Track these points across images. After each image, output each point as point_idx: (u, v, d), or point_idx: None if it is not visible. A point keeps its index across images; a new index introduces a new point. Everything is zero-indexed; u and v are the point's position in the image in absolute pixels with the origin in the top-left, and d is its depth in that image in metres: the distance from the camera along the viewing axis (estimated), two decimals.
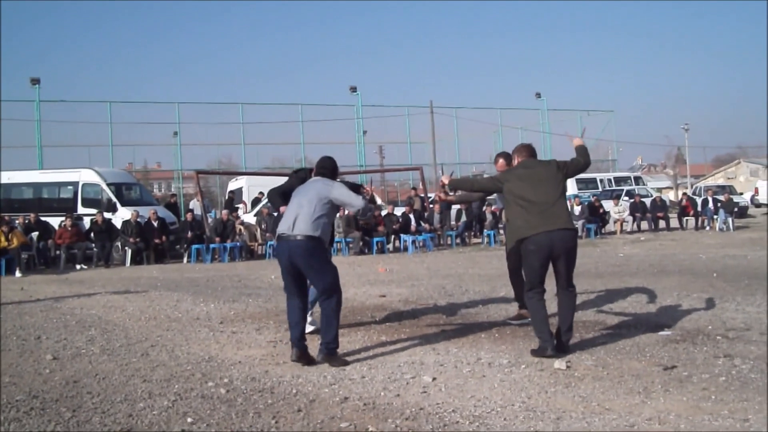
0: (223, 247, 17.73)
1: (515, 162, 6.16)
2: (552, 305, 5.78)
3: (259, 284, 11.36)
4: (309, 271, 5.48)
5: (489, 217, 19.94)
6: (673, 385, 4.50)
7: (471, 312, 7.78)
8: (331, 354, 5.43)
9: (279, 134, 59.47)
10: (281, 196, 6.26)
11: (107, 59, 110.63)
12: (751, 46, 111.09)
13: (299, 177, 6.20)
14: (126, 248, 17.49)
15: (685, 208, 23.01)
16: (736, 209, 23.11)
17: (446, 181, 6.55)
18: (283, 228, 5.47)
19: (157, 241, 17.89)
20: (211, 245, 17.86)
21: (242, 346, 6.21)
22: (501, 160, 7.18)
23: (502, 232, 20.05)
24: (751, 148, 67.78)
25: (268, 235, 17.70)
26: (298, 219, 5.41)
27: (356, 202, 5.62)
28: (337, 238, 18.58)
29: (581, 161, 5.99)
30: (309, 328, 6.25)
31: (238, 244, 17.87)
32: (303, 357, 5.39)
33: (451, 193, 6.93)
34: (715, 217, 21.82)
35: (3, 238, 15.38)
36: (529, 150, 6.17)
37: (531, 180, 5.78)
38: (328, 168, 5.82)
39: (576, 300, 5.82)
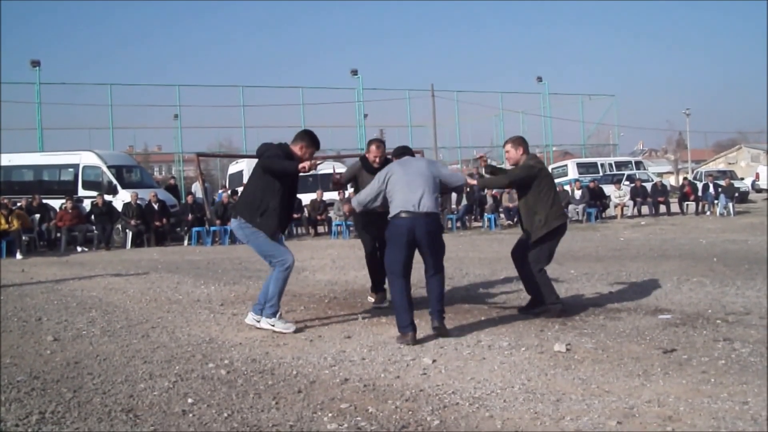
0: (224, 230, 17.73)
1: (520, 152, 6.50)
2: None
3: (259, 267, 11.34)
4: (433, 247, 5.63)
5: (489, 200, 19.91)
6: (672, 368, 4.50)
7: (471, 295, 7.79)
8: (443, 321, 5.61)
9: (280, 117, 59.61)
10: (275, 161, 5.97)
11: (108, 42, 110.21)
12: (753, 32, 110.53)
13: (282, 148, 6.06)
14: (126, 231, 17.50)
15: (686, 193, 22.97)
16: (736, 194, 23.06)
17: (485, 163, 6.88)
18: (406, 205, 5.51)
19: (157, 223, 17.90)
20: (212, 228, 17.87)
21: (242, 327, 6.22)
22: (373, 147, 7.06)
23: (502, 216, 20.10)
24: (752, 133, 67.68)
25: None
26: (424, 197, 5.54)
27: (460, 178, 6.17)
28: (337, 221, 18.60)
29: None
30: (281, 326, 5.96)
31: None
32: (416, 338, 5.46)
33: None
34: (715, 202, 21.80)
35: (3, 221, 15.39)
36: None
37: None
38: (409, 150, 6.27)
39: None
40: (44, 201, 18.22)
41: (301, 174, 5.94)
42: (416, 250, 5.65)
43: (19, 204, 17.49)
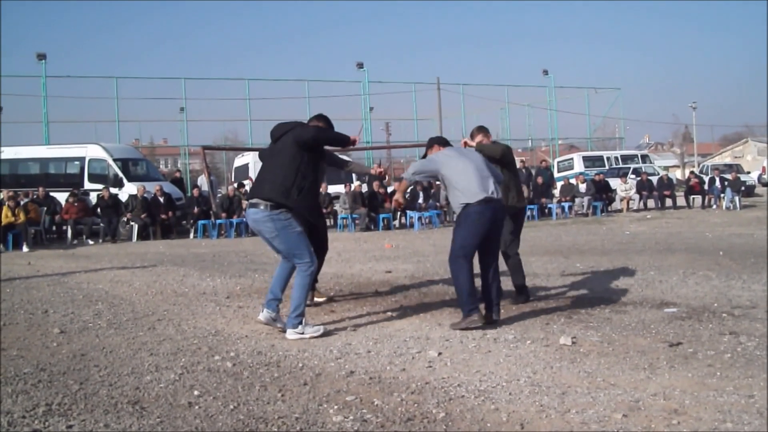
0: (230, 223, 17.79)
1: (490, 140, 6.81)
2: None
3: (265, 260, 11.37)
4: (499, 235, 5.83)
5: None
6: (678, 361, 4.50)
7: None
8: (500, 314, 5.79)
9: (285, 110, 59.26)
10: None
11: (114, 34, 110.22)
12: (760, 25, 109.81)
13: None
14: (132, 223, 17.54)
15: (692, 186, 22.90)
16: (743, 188, 23.01)
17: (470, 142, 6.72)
18: (486, 192, 5.55)
19: (163, 216, 17.94)
20: (218, 221, 17.90)
21: (248, 320, 6.23)
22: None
23: None
24: (759, 127, 67.38)
25: None
26: (495, 184, 5.65)
27: (500, 174, 6.14)
28: (343, 215, 18.62)
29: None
30: (299, 334, 5.42)
31: (244, 219, 17.86)
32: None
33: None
34: (722, 195, 21.74)
35: (10, 213, 15.45)
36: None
37: None
38: (447, 141, 6.30)
39: None
40: (51, 194, 18.27)
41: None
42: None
43: (30, 197, 17.58)
